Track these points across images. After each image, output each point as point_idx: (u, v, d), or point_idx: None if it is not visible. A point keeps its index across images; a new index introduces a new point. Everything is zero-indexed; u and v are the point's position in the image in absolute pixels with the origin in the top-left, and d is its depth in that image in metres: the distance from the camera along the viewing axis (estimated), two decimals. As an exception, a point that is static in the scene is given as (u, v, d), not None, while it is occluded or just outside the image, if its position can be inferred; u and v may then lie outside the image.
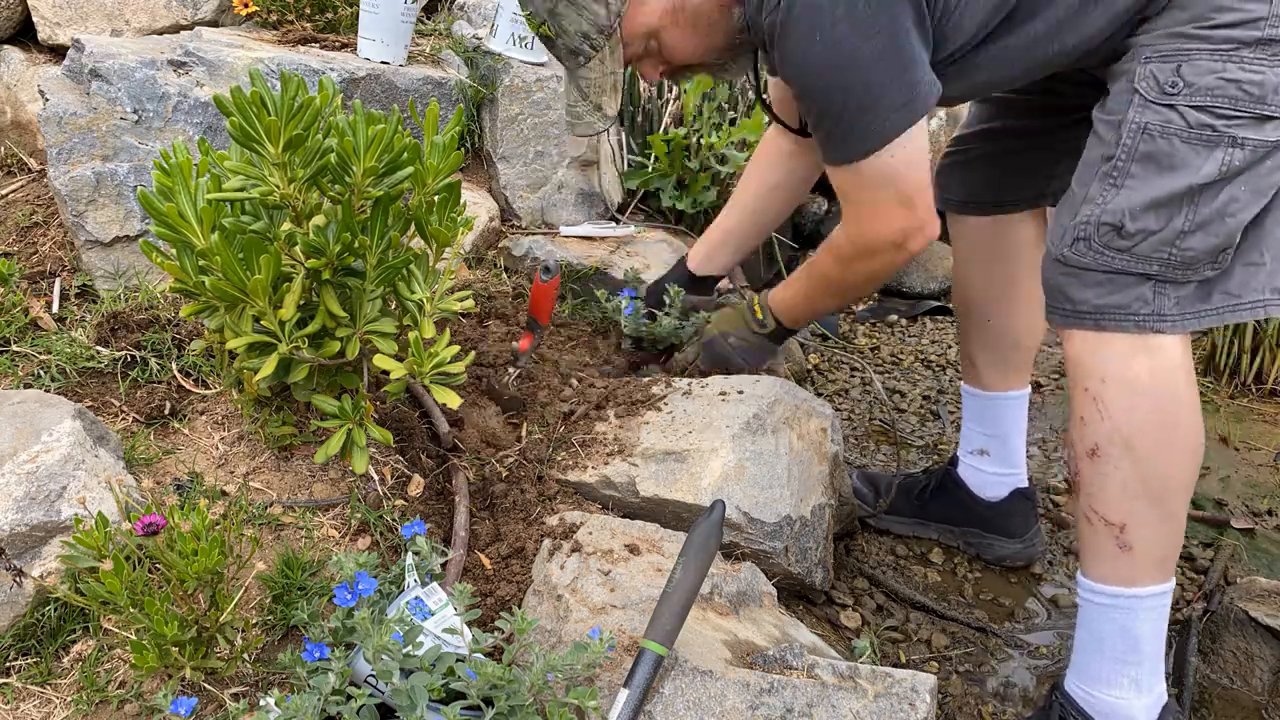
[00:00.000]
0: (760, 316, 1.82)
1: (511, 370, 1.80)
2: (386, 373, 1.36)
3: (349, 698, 1.05)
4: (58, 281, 1.84)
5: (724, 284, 2.12)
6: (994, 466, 1.95)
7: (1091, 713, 1.41)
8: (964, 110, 3.64)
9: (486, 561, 1.45)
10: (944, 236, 3.88)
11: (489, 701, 1.06)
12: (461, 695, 1.06)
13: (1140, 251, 1.31)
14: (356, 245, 1.30)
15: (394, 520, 1.43)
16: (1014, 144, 1.74)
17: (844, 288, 1.69)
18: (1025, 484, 1.95)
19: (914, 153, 1.45)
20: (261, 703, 1.05)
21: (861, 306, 3.38)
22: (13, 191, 2.14)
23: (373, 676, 1.11)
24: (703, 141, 2.55)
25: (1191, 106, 1.27)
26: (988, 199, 1.80)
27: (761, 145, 1.96)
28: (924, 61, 1.39)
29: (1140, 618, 1.38)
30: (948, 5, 1.37)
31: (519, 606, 1.33)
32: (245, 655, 1.19)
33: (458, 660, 1.09)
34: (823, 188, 3.85)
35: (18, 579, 1.19)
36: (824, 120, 1.46)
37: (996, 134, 1.77)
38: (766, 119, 1.98)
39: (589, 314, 2.15)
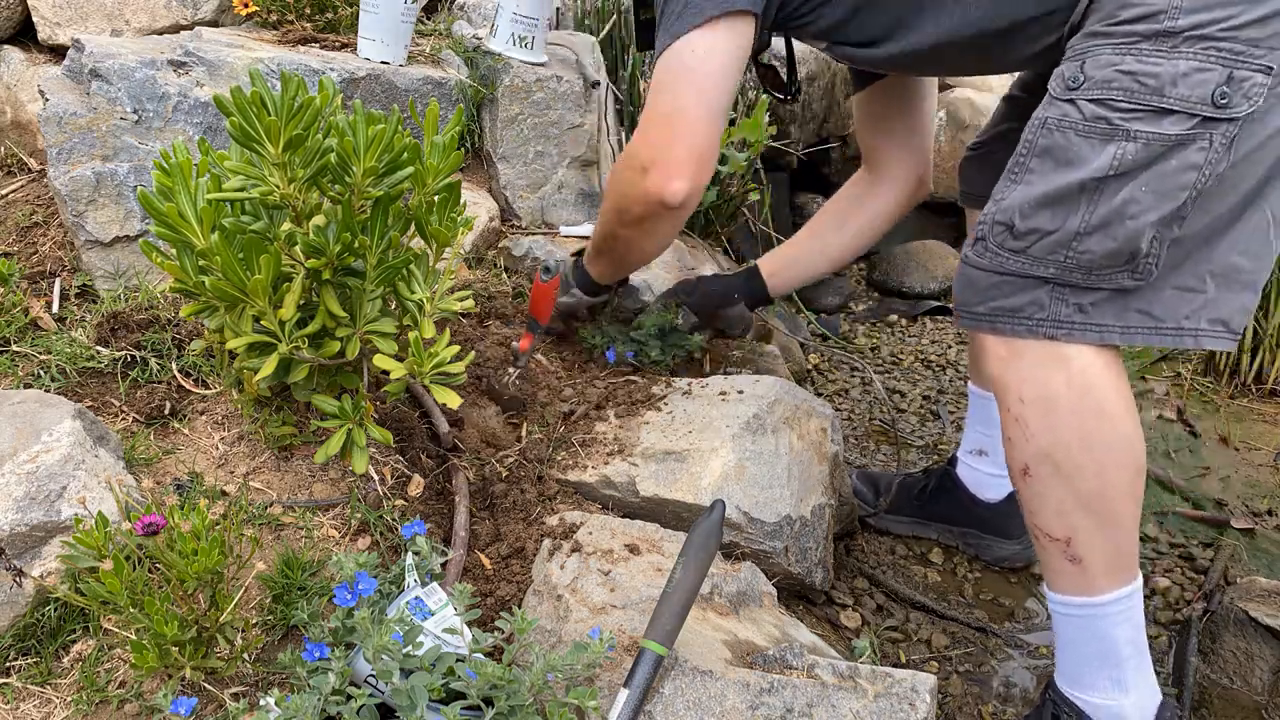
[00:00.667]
0: None
1: (512, 370, 1.80)
2: (386, 373, 1.36)
3: (349, 698, 1.05)
4: (58, 281, 1.84)
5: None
6: (991, 467, 1.95)
7: (1085, 710, 1.41)
8: (967, 112, 3.64)
9: (486, 561, 1.45)
10: (943, 236, 3.88)
11: (489, 701, 1.06)
12: (461, 695, 1.06)
13: (1034, 253, 1.27)
14: (356, 245, 1.30)
15: (394, 520, 1.43)
16: None
17: (609, 215, 1.66)
18: None
19: (703, 77, 1.43)
20: (261, 702, 1.05)
21: (862, 306, 3.38)
22: (13, 191, 2.14)
23: (373, 676, 1.11)
24: (703, 141, 2.54)
25: (1089, 100, 1.23)
26: None
27: (850, 182, 1.97)
28: None
29: (1109, 623, 1.35)
30: None
31: (519, 606, 1.33)
32: (245, 655, 1.19)
33: (458, 660, 1.09)
34: (821, 187, 3.85)
35: (18, 579, 1.19)
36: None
37: (1015, 135, 1.75)
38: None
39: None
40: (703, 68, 1.46)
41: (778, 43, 1.80)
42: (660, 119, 1.51)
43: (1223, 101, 1.17)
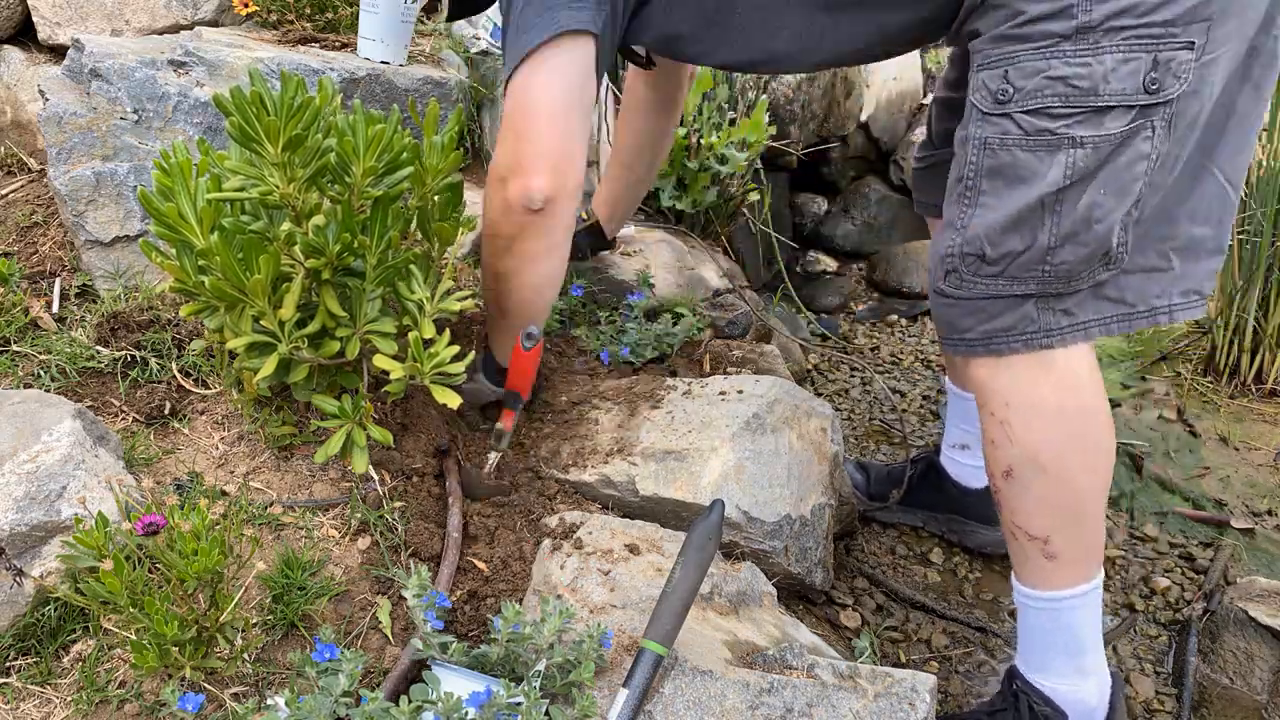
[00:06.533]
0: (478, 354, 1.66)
1: (491, 457, 1.56)
2: (386, 373, 1.36)
3: (359, 699, 1.05)
4: (58, 281, 1.84)
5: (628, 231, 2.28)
6: (973, 460, 1.96)
7: (1052, 697, 1.43)
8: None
9: (483, 566, 1.45)
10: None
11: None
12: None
13: (1012, 274, 1.27)
14: (356, 245, 1.30)
15: (394, 520, 1.43)
16: None
17: (485, 254, 1.48)
18: None
19: (546, 86, 1.35)
20: (269, 702, 1.05)
21: (862, 306, 3.38)
22: (13, 191, 2.14)
23: None
24: (703, 141, 2.54)
25: (1024, 112, 1.21)
26: None
27: (626, 98, 1.99)
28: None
29: (1076, 615, 1.39)
30: None
31: (519, 604, 1.32)
32: (245, 655, 1.19)
33: None
34: (821, 187, 3.85)
35: (18, 579, 1.19)
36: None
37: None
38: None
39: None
40: (539, 89, 1.37)
41: None
42: (508, 131, 1.40)
43: (1154, 87, 1.16)
